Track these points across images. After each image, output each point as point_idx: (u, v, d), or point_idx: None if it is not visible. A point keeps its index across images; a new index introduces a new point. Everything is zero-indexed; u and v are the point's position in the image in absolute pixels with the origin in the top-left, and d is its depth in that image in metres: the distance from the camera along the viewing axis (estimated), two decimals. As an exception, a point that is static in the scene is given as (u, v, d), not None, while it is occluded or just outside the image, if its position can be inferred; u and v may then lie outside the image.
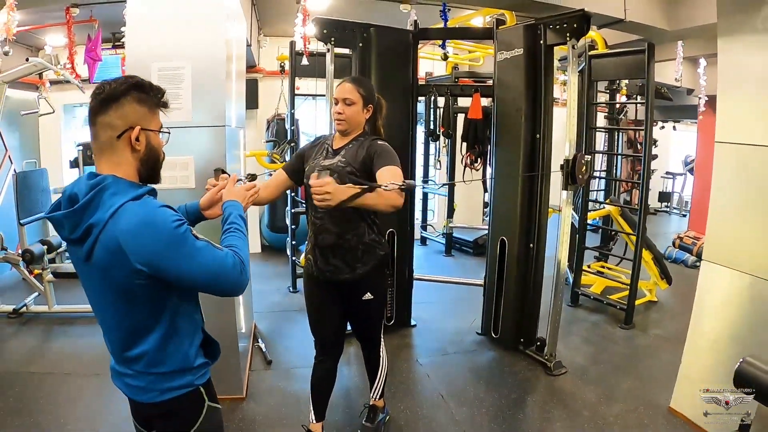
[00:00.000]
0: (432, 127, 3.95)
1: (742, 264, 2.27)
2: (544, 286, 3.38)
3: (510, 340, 3.50)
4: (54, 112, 4.74)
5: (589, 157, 3.37)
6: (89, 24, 4.07)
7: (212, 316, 2.60)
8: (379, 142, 2.09)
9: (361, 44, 3.47)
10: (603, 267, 4.93)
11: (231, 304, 2.76)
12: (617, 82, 4.50)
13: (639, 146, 9.22)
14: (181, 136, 2.55)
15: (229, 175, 1.58)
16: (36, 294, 4.01)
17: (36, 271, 3.93)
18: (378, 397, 2.53)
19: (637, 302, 4.01)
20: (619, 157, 5.97)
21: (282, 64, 5.35)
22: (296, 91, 4.70)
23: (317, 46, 3.66)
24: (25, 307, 3.88)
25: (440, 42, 4.37)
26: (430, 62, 6.37)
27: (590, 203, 4.41)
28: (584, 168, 2.99)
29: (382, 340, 2.45)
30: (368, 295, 2.18)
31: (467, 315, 3.96)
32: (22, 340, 3.58)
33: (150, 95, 1.23)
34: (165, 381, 1.26)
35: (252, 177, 2.04)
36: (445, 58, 4.43)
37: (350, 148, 2.11)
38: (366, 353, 2.46)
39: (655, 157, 9.51)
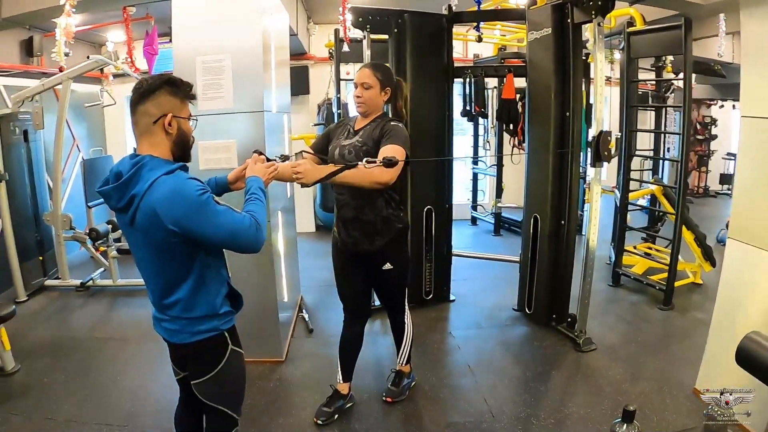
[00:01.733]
0: (468, 107, 3.97)
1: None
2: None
3: (542, 316, 3.56)
4: (116, 103, 5.16)
5: (619, 134, 3.33)
6: (146, 21, 4.41)
7: (254, 287, 2.96)
8: (392, 123, 2.21)
9: (396, 30, 3.59)
10: (650, 248, 4.81)
11: (271, 276, 3.02)
12: (663, 59, 4.34)
13: (699, 126, 8.82)
14: (223, 122, 2.83)
15: (268, 158, 1.80)
16: (102, 269, 4.47)
17: (101, 249, 4.37)
18: (404, 362, 2.71)
19: (679, 284, 3.94)
20: (669, 135, 5.74)
21: (330, 51, 5.50)
22: (345, 76, 4.86)
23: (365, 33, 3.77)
24: (91, 281, 4.33)
25: (475, 25, 4.38)
26: (480, 45, 6.39)
27: (634, 183, 4.31)
28: (611, 145, 2.98)
29: (407, 308, 2.61)
30: (388, 266, 2.33)
31: (506, 292, 4.03)
32: (88, 310, 4.02)
33: (180, 89, 1.46)
34: (195, 325, 1.50)
35: (284, 158, 2.28)
36: (479, 40, 4.44)
37: (368, 128, 2.25)
38: (391, 319, 2.64)
39: (714, 137, 9.04)
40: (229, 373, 1.59)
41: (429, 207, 3.83)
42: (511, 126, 3.70)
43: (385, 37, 3.69)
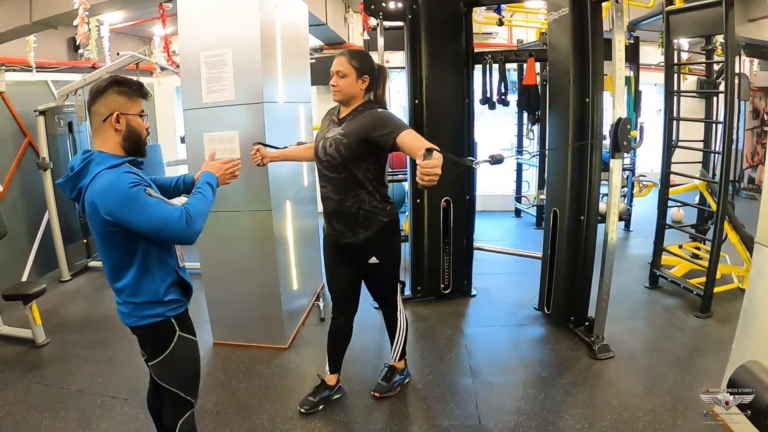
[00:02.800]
0: (488, 95, 3.78)
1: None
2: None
3: (560, 317, 3.35)
4: (151, 95, 5.44)
5: (643, 122, 3.02)
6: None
7: (255, 274, 3.08)
8: (378, 110, 2.15)
9: (410, 16, 3.48)
10: (698, 249, 4.37)
11: (272, 265, 3.07)
12: (712, 40, 3.87)
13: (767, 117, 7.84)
14: (226, 113, 2.91)
15: (272, 147, 1.91)
16: None
17: None
18: (397, 358, 2.66)
19: (722, 289, 3.55)
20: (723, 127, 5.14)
21: (364, 39, 5.47)
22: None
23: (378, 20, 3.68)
24: None
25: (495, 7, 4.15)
26: (524, 30, 6.09)
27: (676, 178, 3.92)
28: (633, 134, 2.71)
29: (399, 303, 2.57)
30: (374, 259, 2.29)
31: (531, 289, 3.82)
32: None
33: (128, 87, 1.54)
34: (141, 309, 1.59)
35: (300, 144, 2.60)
36: (500, 23, 4.20)
37: (351, 119, 2.19)
38: (384, 314, 2.61)
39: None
40: (179, 358, 1.67)
41: (447, 198, 3.71)
42: (534, 114, 3.47)
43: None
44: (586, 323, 3.13)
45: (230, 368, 2.99)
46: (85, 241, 4.65)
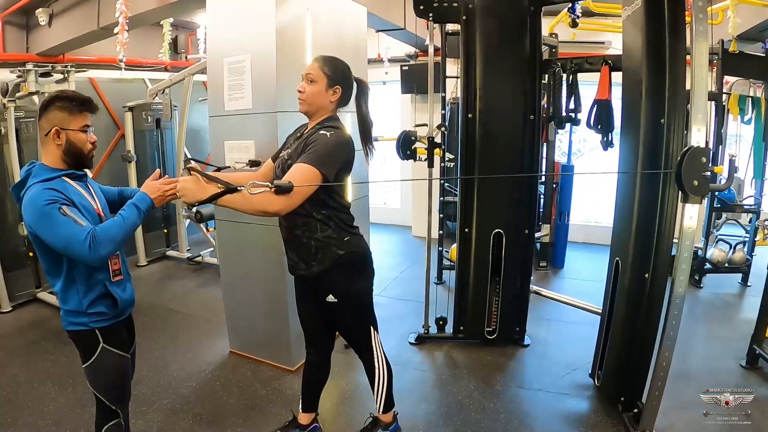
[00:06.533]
0: (554, 111, 3.17)
1: None
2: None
3: (610, 395, 2.65)
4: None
5: (734, 155, 2.20)
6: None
7: (266, 288, 3.00)
8: (322, 132, 1.87)
9: (465, 17, 3.06)
10: None
11: (282, 283, 2.91)
12: None
13: None
14: (243, 122, 2.86)
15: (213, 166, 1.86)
16: (211, 248, 5.02)
17: (211, 230, 4.91)
18: (381, 410, 2.30)
19: None
20: None
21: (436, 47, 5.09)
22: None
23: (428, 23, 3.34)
24: (200, 257, 4.92)
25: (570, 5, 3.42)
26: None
27: None
28: (717, 170, 1.97)
29: (376, 347, 2.19)
30: (331, 297, 2.01)
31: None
32: (181, 283, 4.57)
33: (68, 103, 1.61)
34: (68, 316, 1.67)
35: (253, 163, 2.42)
36: (574, 24, 3.45)
37: (305, 136, 1.95)
38: (360, 358, 2.26)
39: None
40: (102, 368, 1.70)
41: (498, 231, 3.19)
42: (606, 136, 2.77)
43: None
44: (636, 410, 2.39)
45: (231, 380, 2.94)
46: (166, 231, 5.13)
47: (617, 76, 2.61)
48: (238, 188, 1.65)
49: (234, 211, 1.74)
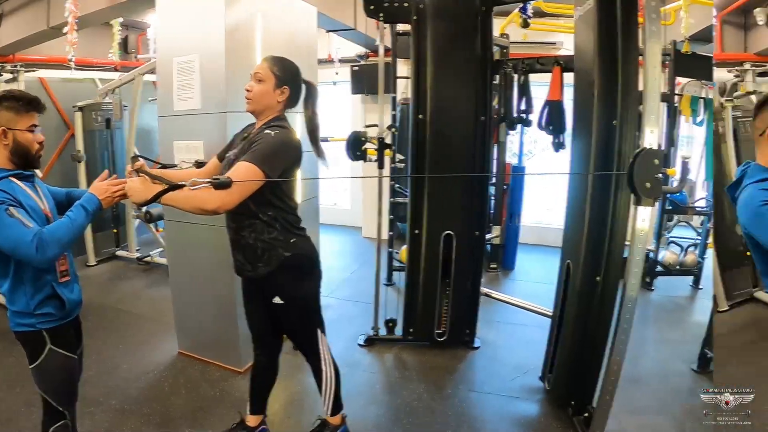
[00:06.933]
0: (504, 113, 3.16)
1: None
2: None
3: (561, 398, 2.64)
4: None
5: (687, 157, 2.23)
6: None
7: (214, 288, 2.92)
8: (266, 131, 1.85)
9: (415, 17, 3.01)
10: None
11: (230, 279, 2.72)
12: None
13: None
14: (192, 122, 2.80)
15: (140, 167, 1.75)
16: (161, 249, 4.86)
17: (160, 230, 4.77)
18: (329, 413, 2.24)
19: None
20: None
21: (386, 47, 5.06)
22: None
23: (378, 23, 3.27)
24: (150, 257, 4.81)
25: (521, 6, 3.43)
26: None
27: None
28: (670, 172, 1.96)
29: (322, 350, 2.15)
30: (277, 299, 1.99)
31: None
32: (131, 283, 4.46)
33: (15, 103, 1.60)
34: (15, 317, 1.67)
35: (200, 164, 2.25)
36: (525, 25, 3.47)
37: (251, 136, 1.92)
38: (307, 361, 2.21)
39: None
40: (50, 370, 1.70)
41: (449, 232, 3.14)
42: (557, 137, 2.77)
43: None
44: (586, 414, 2.37)
45: (179, 381, 2.87)
46: (115, 231, 5.00)
47: (569, 77, 2.61)
48: (180, 185, 1.61)
49: (181, 211, 1.73)
